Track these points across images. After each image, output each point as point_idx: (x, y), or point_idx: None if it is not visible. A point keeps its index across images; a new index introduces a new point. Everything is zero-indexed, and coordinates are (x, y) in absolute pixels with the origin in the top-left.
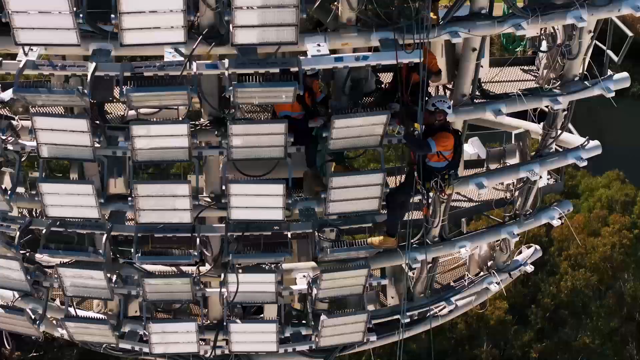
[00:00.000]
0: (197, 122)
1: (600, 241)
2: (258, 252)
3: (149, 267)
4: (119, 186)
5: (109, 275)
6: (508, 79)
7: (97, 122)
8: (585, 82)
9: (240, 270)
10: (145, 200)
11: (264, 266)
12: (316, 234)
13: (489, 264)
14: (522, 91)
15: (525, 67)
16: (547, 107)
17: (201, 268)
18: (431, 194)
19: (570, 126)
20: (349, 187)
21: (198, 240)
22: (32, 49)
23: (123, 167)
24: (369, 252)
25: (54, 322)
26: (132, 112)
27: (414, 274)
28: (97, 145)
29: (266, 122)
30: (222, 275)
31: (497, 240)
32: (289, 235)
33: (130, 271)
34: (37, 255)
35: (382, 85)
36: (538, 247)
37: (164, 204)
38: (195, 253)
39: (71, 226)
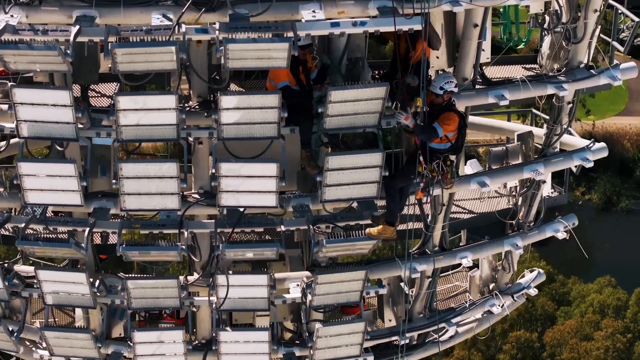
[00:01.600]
0: (186, 105)
1: (593, 345)
2: (249, 244)
3: None
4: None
5: (91, 279)
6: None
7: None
8: (591, 71)
9: (230, 272)
10: (130, 183)
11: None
12: (311, 227)
13: (491, 286)
14: (526, 77)
15: (527, 66)
16: (551, 95)
17: (189, 277)
18: (431, 193)
19: (571, 130)
20: (345, 170)
21: (186, 233)
22: (12, 16)
23: (108, 166)
24: (368, 243)
25: (32, 347)
26: None
27: (412, 292)
28: (80, 125)
29: (258, 93)
30: (211, 279)
31: (499, 260)
32: (282, 228)
33: (114, 281)
34: (16, 267)
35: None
36: (542, 270)
37: (150, 187)
38: (183, 246)
39: (52, 223)
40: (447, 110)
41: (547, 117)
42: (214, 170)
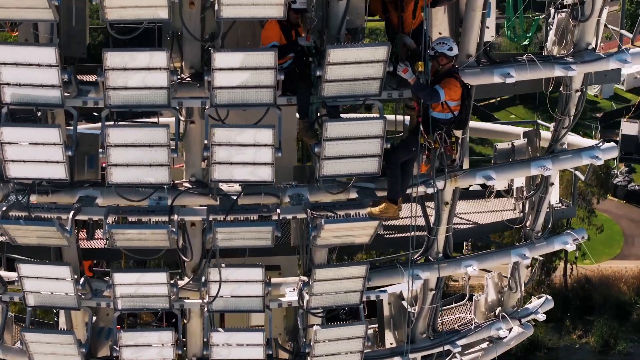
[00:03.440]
0: (177, 76)
1: None
2: (242, 222)
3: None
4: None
5: (75, 276)
6: None
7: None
8: (600, 53)
9: (223, 265)
10: (118, 152)
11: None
12: (309, 211)
13: (497, 310)
14: (534, 55)
15: None
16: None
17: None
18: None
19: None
20: (345, 140)
21: (176, 217)
22: None
23: (95, 158)
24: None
25: None
26: None
27: (414, 310)
28: (66, 94)
29: (253, 50)
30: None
31: (504, 282)
32: (278, 212)
33: (100, 285)
34: None
35: None
36: (549, 297)
37: (138, 157)
38: (174, 229)
39: (36, 210)
40: (450, 77)
41: (551, 126)
42: (206, 141)
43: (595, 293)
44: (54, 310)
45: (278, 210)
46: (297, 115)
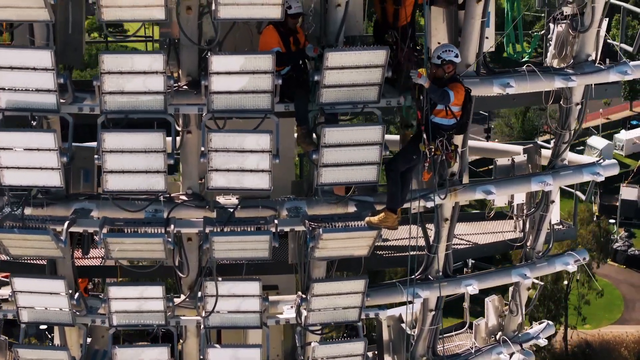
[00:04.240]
0: (175, 84)
1: None
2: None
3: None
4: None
5: (70, 291)
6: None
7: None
8: (599, 65)
9: (219, 278)
10: (113, 158)
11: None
12: (306, 222)
13: (498, 335)
14: (534, 65)
15: None
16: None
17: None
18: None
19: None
20: (343, 147)
21: (172, 227)
22: None
23: (92, 172)
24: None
25: None
26: None
27: (414, 332)
28: (62, 100)
29: (250, 53)
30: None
31: (505, 305)
32: (275, 222)
33: (95, 303)
34: None
35: None
36: (551, 322)
37: (135, 163)
38: (169, 239)
39: (30, 221)
40: (454, 81)
41: (551, 146)
42: (203, 148)
43: (596, 358)
44: (49, 336)
45: (275, 222)
46: (295, 122)
